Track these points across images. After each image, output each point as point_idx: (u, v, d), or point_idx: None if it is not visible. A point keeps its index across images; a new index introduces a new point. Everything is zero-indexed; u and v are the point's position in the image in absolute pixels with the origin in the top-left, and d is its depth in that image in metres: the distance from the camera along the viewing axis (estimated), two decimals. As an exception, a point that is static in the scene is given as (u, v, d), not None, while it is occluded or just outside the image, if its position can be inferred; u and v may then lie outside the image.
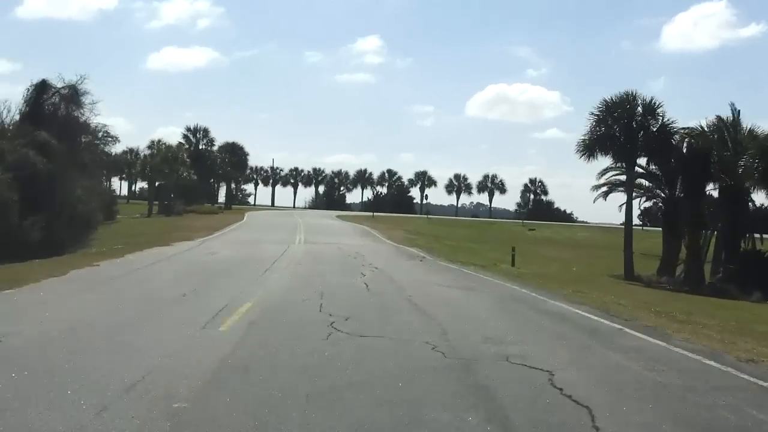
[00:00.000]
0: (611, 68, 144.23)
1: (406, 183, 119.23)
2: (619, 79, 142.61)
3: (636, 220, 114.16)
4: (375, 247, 30.02)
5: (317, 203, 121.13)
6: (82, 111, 44.03)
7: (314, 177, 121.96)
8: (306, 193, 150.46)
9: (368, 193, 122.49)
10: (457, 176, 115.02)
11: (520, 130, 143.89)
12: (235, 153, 79.54)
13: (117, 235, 36.03)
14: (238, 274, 15.48)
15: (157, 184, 61.78)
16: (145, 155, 58.80)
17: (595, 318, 10.76)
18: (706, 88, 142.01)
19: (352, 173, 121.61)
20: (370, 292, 12.67)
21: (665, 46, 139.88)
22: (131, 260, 18.58)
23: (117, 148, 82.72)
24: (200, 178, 71.01)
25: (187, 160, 61.04)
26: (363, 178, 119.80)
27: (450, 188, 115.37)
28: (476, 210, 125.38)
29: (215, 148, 79.21)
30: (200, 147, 74.78)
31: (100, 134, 50.07)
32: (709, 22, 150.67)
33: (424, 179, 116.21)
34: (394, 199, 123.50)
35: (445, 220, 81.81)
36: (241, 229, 39.64)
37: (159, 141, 62.78)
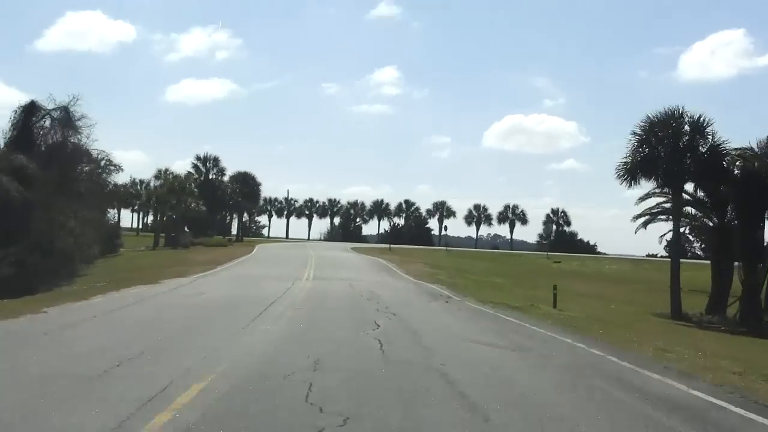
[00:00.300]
0: (628, 98, 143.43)
1: (424, 214, 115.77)
2: (636, 108, 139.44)
3: (662, 251, 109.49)
4: (392, 283, 26.51)
5: (333, 235, 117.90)
6: (78, 137, 41.57)
7: (329, 208, 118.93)
8: (321, 225, 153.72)
9: (385, 225, 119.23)
10: (477, 207, 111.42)
11: (537, 161, 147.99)
12: (246, 183, 76.60)
13: (113, 270, 32.98)
14: (217, 325, 12.06)
15: (163, 215, 58.98)
16: (150, 186, 56.12)
17: (736, 411, 7.12)
18: (723, 117, 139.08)
19: (368, 204, 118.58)
20: (386, 357, 9.12)
21: (682, 75, 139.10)
22: (96, 304, 15.26)
23: (121, 178, 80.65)
24: (210, 209, 68.20)
25: (195, 190, 58.19)
26: (380, 209, 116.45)
27: (469, 219, 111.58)
28: (495, 241, 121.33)
29: (226, 178, 76.63)
30: (210, 177, 72.10)
31: (102, 162, 47.54)
32: (727, 50, 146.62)
33: (442, 210, 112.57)
34: (412, 230, 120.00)
35: (465, 252, 78.09)
36: (246, 264, 36.39)
37: (166, 170, 60.21)
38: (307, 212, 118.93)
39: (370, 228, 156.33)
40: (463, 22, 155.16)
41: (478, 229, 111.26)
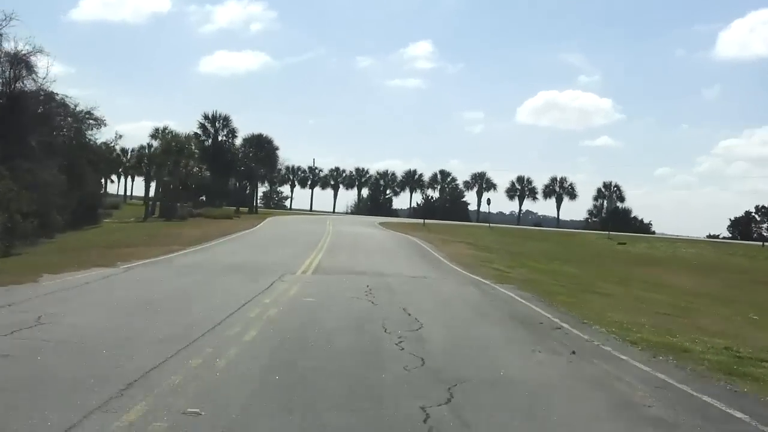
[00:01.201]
0: (664, 75, 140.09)
1: (460, 186, 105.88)
2: (672, 86, 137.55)
3: (725, 233, 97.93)
4: (436, 281, 17.45)
5: (360, 208, 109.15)
6: (34, 76, 33.16)
7: (357, 178, 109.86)
8: (348, 197, 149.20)
9: (417, 198, 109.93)
10: (520, 179, 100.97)
11: (570, 138, 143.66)
12: (261, 146, 67.90)
13: (82, 245, 24.89)
14: None
15: (160, 182, 50.73)
16: (141, 147, 47.59)
17: None
18: (762, 96, 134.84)
19: (399, 175, 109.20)
20: None
21: (720, 53, 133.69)
22: None
23: (106, 135, 72.45)
24: (217, 175, 59.94)
25: (196, 151, 49.62)
26: (412, 180, 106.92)
27: (512, 193, 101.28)
28: (528, 218, 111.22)
29: (238, 141, 68.09)
30: (219, 139, 63.66)
31: (81, 114, 39.06)
32: (767, 28, 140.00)
33: (482, 182, 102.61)
34: (446, 204, 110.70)
35: (508, 229, 68.51)
36: (238, 242, 27.76)
37: (165, 129, 51.78)
38: (332, 183, 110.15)
39: (401, 201, 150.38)
40: None
41: (521, 203, 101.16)
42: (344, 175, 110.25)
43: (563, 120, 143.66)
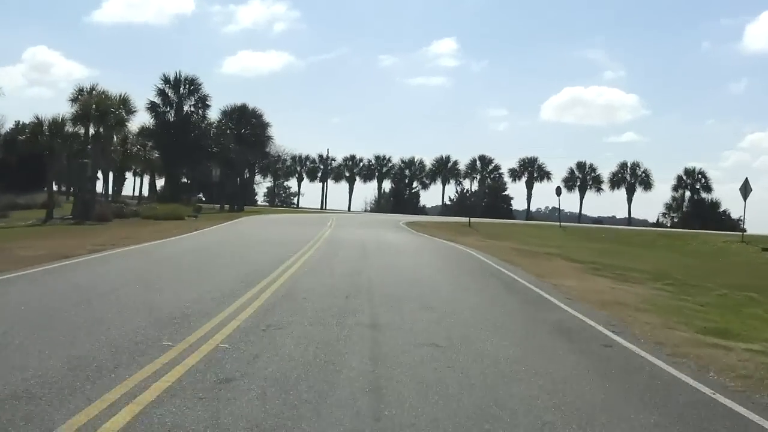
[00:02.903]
0: (691, 70, 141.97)
1: (505, 175, 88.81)
2: (698, 80, 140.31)
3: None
4: None
5: (381, 205, 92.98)
6: None
7: (377, 168, 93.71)
8: (367, 192, 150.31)
9: (450, 191, 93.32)
10: (581, 165, 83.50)
11: (595, 134, 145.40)
12: (244, 121, 52.32)
13: None
14: None
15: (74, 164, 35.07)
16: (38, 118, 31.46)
17: None
18: None
19: (428, 163, 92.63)
20: None
21: (748, 46, 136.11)
22: None
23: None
24: (175, 157, 44.31)
25: (128, 118, 33.70)
26: (444, 169, 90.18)
27: (570, 182, 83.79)
28: (565, 214, 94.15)
29: (213, 114, 52.42)
30: (184, 109, 47.64)
31: None
32: None
33: (532, 169, 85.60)
34: (484, 200, 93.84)
35: (584, 229, 51.78)
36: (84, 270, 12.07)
37: (93, 88, 36.11)
38: (347, 174, 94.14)
39: (430, 196, 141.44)
40: None
41: (582, 196, 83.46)
42: (361, 165, 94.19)
43: (588, 116, 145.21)
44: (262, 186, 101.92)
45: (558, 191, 49.14)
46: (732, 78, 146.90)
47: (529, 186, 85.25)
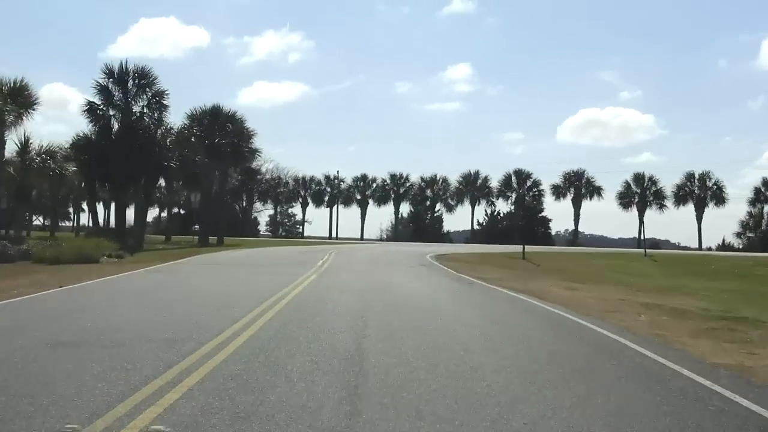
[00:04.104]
0: (707, 88, 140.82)
1: (546, 191, 76.55)
2: (715, 98, 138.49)
3: None
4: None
5: (398, 232, 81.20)
6: None
7: (393, 188, 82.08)
8: (382, 217, 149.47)
9: (479, 213, 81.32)
10: (638, 177, 70.77)
11: (611, 155, 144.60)
12: (218, 128, 40.91)
13: None
14: None
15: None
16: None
17: None
18: None
19: (453, 181, 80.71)
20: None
21: (765, 62, 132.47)
22: None
23: None
24: (126, 174, 33.17)
25: (23, 119, 22.12)
26: (473, 186, 78.16)
27: (626, 198, 71.07)
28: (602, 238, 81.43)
29: (176, 118, 41.30)
30: (134, 110, 36.03)
31: None
32: None
33: (580, 185, 73.27)
34: (519, 222, 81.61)
35: (676, 258, 39.56)
36: None
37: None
38: (358, 197, 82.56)
39: (454, 221, 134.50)
40: (538, 15, 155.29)
41: (642, 214, 70.43)
42: (375, 185, 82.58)
43: (604, 137, 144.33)
44: (263, 214, 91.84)
45: (642, 206, 37.09)
46: (749, 95, 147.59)
47: (577, 204, 72.97)
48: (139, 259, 25.67)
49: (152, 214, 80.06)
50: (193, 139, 40.73)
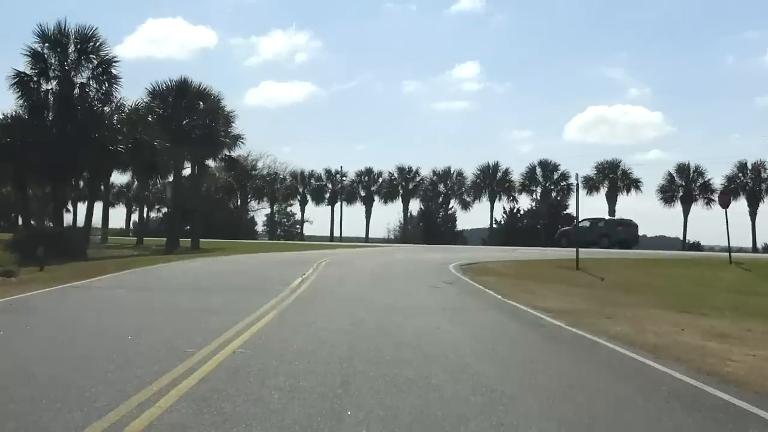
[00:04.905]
0: (715, 84, 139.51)
1: (574, 183, 68.57)
2: (723, 95, 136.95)
3: None
4: None
5: (407, 232, 73.68)
6: None
7: (401, 183, 74.38)
8: (390, 214, 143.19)
9: (498, 210, 73.61)
10: (682, 168, 62.66)
11: (619, 153, 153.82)
12: (186, 106, 33.49)
13: None
14: None
15: None
16: None
17: None
18: None
19: (469, 174, 72.92)
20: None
21: None
22: None
23: None
24: (66, 159, 26.02)
25: None
26: (493, 180, 70.40)
27: (669, 191, 63.01)
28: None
29: (132, 94, 33.75)
30: (75, 80, 28.48)
31: None
32: None
33: (615, 177, 65.15)
34: (541, 221, 73.95)
35: (747, 261, 31.89)
36: None
37: None
38: (362, 193, 75.04)
39: (468, 218, 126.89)
40: (545, 13, 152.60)
41: (687, 210, 62.40)
42: (380, 180, 75.04)
43: (612, 135, 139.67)
44: (260, 213, 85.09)
45: (725, 201, 29.50)
46: (757, 91, 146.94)
47: (611, 199, 65.00)
48: (50, 275, 18.28)
49: (153, 214, 73.10)
50: (150, 119, 33.43)
